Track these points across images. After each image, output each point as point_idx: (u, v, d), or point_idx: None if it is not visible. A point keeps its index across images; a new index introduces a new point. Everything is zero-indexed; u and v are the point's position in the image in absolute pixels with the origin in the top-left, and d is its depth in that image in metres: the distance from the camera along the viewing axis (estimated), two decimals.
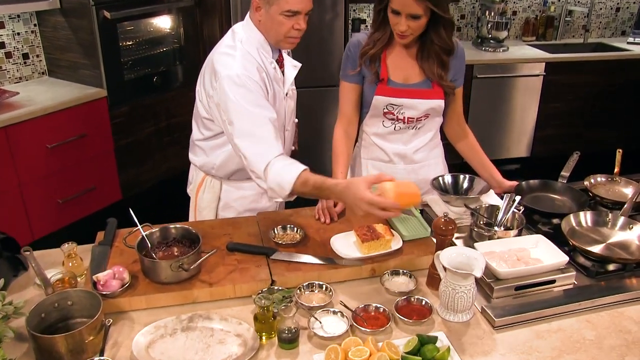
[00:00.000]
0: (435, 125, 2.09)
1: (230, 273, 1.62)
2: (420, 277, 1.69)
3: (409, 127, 2.04)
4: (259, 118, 1.72)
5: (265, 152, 1.69)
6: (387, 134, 2.06)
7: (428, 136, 2.09)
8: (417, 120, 2.02)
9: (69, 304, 1.46)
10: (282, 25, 1.79)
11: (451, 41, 1.89)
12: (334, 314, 1.50)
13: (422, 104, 1.97)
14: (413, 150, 2.08)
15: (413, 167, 2.11)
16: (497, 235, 1.77)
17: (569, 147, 4.70)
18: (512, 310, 1.51)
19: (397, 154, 2.09)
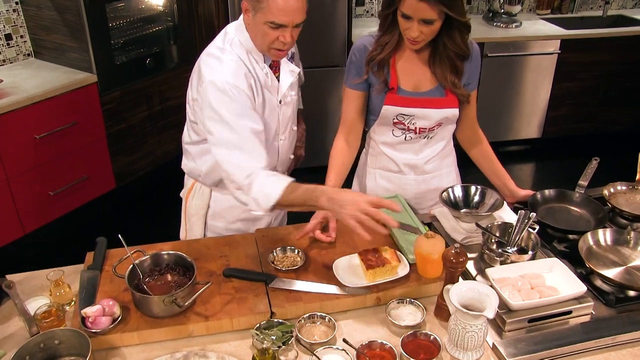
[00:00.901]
0: (448, 133, 1.99)
1: (227, 304, 1.56)
2: (428, 304, 1.63)
3: (420, 137, 1.94)
4: (239, 128, 1.66)
5: (246, 164, 1.64)
6: (396, 144, 1.97)
7: (440, 145, 1.99)
8: (430, 130, 1.92)
9: (55, 342, 1.41)
10: (266, 36, 1.68)
11: (466, 46, 1.78)
12: (337, 350, 1.45)
13: (435, 114, 1.87)
14: (424, 160, 1.99)
15: (424, 178, 2.03)
16: (510, 259, 1.70)
17: (582, 127, 4.63)
18: (524, 349, 1.45)
19: (407, 165, 2.00)
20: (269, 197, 1.61)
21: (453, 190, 1.99)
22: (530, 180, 4.41)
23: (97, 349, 1.45)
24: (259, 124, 1.72)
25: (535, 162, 4.62)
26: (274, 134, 1.89)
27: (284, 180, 1.62)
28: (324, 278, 1.66)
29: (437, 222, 1.97)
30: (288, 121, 1.94)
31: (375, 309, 1.62)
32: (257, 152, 1.67)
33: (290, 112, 1.94)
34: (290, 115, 1.95)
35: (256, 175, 1.63)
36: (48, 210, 3.21)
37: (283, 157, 2.00)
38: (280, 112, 1.88)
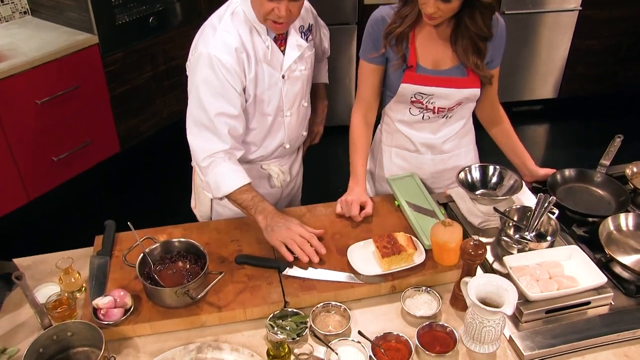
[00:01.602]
0: (467, 111, 1.93)
1: (240, 293, 1.55)
2: (444, 292, 1.62)
3: (439, 117, 1.88)
4: (210, 109, 1.66)
5: (209, 144, 1.67)
6: (413, 123, 1.92)
7: (459, 124, 1.94)
8: (449, 110, 1.86)
9: (68, 334, 1.41)
10: (262, 6, 1.62)
11: (488, 27, 1.69)
12: (352, 342, 1.45)
13: (455, 94, 1.81)
14: (442, 140, 1.94)
15: (442, 158, 1.99)
16: (528, 247, 1.67)
17: (601, 87, 4.51)
18: (541, 342, 1.45)
19: (424, 144, 1.95)
20: (219, 188, 1.66)
21: (470, 171, 1.95)
22: (544, 143, 4.34)
23: (110, 340, 1.46)
24: (235, 107, 1.69)
25: (549, 124, 4.55)
26: (276, 109, 1.84)
27: (240, 180, 1.67)
28: (338, 265, 1.65)
29: (452, 202, 1.94)
30: (295, 97, 1.88)
31: (390, 297, 1.61)
32: (223, 135, 1.67)
33: (299, 87, 1.88)
34: (299, 91, 1.88)
35: (216, 161, 1.67)
36: (52, 176, 3.20)
37: (292, 134, 1.96)
38: (284, 87, 1.82)
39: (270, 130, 1.89)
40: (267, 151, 1.93)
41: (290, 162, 2.06)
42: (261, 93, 1.78)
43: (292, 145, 1.99)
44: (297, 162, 2.12)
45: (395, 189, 1.92)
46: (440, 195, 2.00)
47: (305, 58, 1.85)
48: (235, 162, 1.71)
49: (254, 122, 1.84)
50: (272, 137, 1.91)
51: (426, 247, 1.69)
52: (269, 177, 2.00)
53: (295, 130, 1.97)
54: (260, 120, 1.84)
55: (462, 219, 1.86)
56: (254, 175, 1.96)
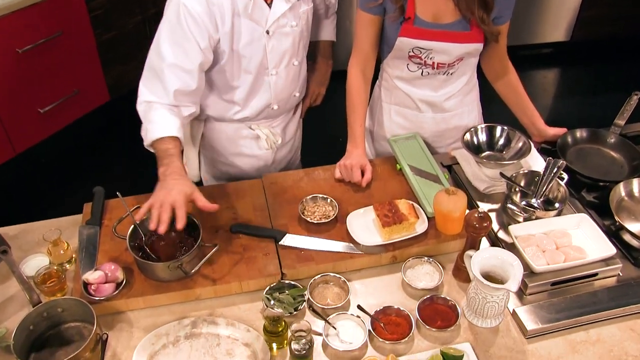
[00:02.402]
0: (470, 67, 1.86)
1: (236, 265, 1.53)
2: (447, 262, 1.61)
3: (439, 73, 1.81)
4: (168, 58, 1.59)
5: (152, 94, 1.61)
6: (412, 79, 1.84)
7: (462, 81, 1.86)
8: (449, 66, 1.79)
9: (59, 310, 1.41)
10: None
11: None
12: (351, 316, 1.45)
13: (455, 49, 1.72)
14: (444, 98, 1.88)
15: (443, 117, 1.93)
16: (535, 215, 1.64)
17: (617, 30, 4.36)
18: (546, 317, 1.44)
19: (424, 102, 1.89)
20: (147, 136, 1.58)
21: (476, 132, 1.90)
22: (553, 90, 4.25)
23: (102, 314, 1.45)
24: (192, 62, 1.61)
25: (559, 69, 4.43)
26: (258, 67, 1.75)
27: (167, 130, 1.56)
28: (337, 234, 1.63)
29: (457, 165, 1.90)
30: (283, 55, 1.78)
31: (390, 268, 1.60)
32: (170, 89, 1.60)
33: (288, 44, 1.77)
34: (288, 48, 1.77)
35: (153, 107, 1.60)
36: (39, 129, 3.13)
37: (281, 95, 1.87)
38: (269, 43, 1.72)
39: (254, 89, 1.80)
40: (253, 112, 1.86)
41: (283, 124, 2.00)
42: (241, 48, 1.69)
43: (281, 106, 1.91)
44: (292, 124, 2.06)
45: (397, 151, 1.87)
46: (445, 157, 1.96)
47: (298, 13, 1.75)
48: (174, 114, 1.61)
49: (236, 80, 1.76)
50: (256, 97, 1.83)
51: (429, 215, 1.66)
52: (258, 138, 1.94)
53: (285, 91, 1.88)
54: (243, 78, 1.76)
55: (467, 183, 1.82)
56: (242, 136, 1.91)
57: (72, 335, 1.41)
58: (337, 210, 1.67)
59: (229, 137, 1.93)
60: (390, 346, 1.40)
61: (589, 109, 3.68)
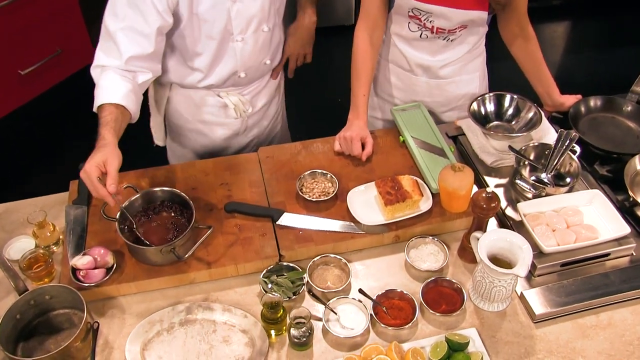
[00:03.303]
0: (475, 37, 1.79)
1: (231, 247, 1.51)
2: (452, 241, 1.58)
3: (438, 38, 1.74)
4: (122, 19, 1.52)
5: (105, 57, 1.55)
6: (412, 40, 1.78)
7: (462, 49, 1.80)
8: (450, 32, 1.72)
9: (47, 298, 1.39)
10: None
11: None
12: (352, 300, 1.43)
13: (456, 15, 1.66)
14: (440, 64, 1.82)
15: (438, 83, 1.87)
16: (545, 192, 1.61)
17: None
18: (554, 300, 1.43)
19: (419, 65, 1.84)
20: (96, 99, 1.53)
21: (483, 101, 1.84)
22: (564, 44, 4.15)
23: (92, 300, 1.43)
24: (149, 25, 1.54)
25: (571, 21, 4.31)
26: (222, 32, 1.65)
27: (110, 96, 1.51)
28: (337, 213, 1.59)
29: (463, 136, 1.85)
30: (250, 20, 1.67)
31: (393, 247, 1.58)
32: (124, 52, 1.53)
33: (256, 9, 1.66)
34: (257, 13, 1.67)
35: (105, 71, 1.54)
36: (21, 92, 3.05)
37: (248, 62, 1.77)
38: (233, 7, 1.61)
39: (218, 56, 1.71)
40: (218, 79, 1.77)
41: (254, 92, 1.89)
42: (202, 12, 1.59)
43: (250, 74, 1.81)
44: (266, 91, 1.94)
45: (400, 121, 1.82)
46: (450, 127, 1.91)
47: None
48: (126, 80, 1.55)
49: (198, 46, 1.67)
50: (221, 64, 1.73)
51: (433, 192, 1.63)
52: (226, 107, 1.86)
53: (253, 58, 1.77)
54: (206, 43, 1.67)
55: (473, 156, 1.78)
56: (208, 103, 1.84)
57: (62, 322, 1.40)
58: (337, 187, 1.63)
59: (195, 104, 1.85)
60: (393, 332, 1.39)
61: (602, 66, 3.59)
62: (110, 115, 1.47)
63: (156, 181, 1.66)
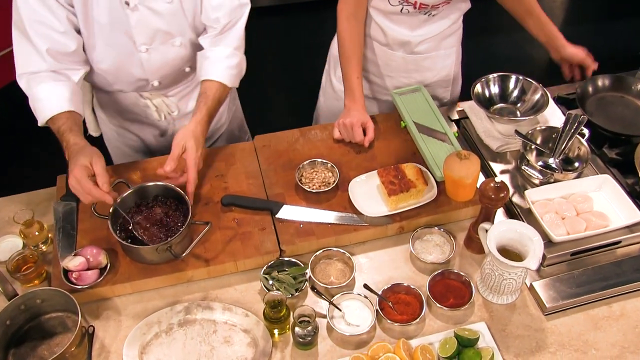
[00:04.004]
0: (457, 13, 1.77)
1: (230, 242, 1.48)
2: (458, 231, 1.56)
3: (420, 13, 1.71)
4: (31, 14, 1.43)
5: (27, 61, 1.48)
6: (391, 14, 1.74)
7: (443, 24, 1.78)
8: (433, 7, 1.69)
9: (38, 302, 1.35)
10: None
11: None
12: (357, 296, 1.41)
13: None
14: (419, 39, 1.79)
15: (415, 58, 1.84)
16: (553, 178, 1.59)
17: None
18: (565, 292, 1.42)
19: (397, 40, 1.80)
20: (37, 114, 1.48)
21: (487, 82, 1.81)
22: (564, 15, 4.10)
23: (86, 302, 1.40)
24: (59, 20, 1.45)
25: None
26: (123, 40, 1.55)
27: (55, 106, 1.46)
28: (338, 204, 1.57)
29: (467, 121, 1.82)
30: (155, 33, 1.56)
31: (397, 239, 1.56)
32: (42, 50, 1.46)
33: (161, 23, 1.55)
34: (162, 27, 1.56)
35: (36, 79, 1.48)
36: None
37: (159, 72, 1.66)
38: (132, 17, 1.51)
39: (123, 64, 1.62)
40: (127, 86, 1.69)
41: (181, 95, 1.79)
42: (98, 16, 1.50)
43: (166, 82, 1.71)
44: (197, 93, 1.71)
45: (401, 106, 1.78)
46: (452, 110, 1.88)
47: None
48: (61, 84, 1.49)
49: (98, 52, 1.57)
50: (128, 73, 1.64)
51: (437, 179, 1.60)
52: (148, 108, 1.78)
53: (165, 69, 1.66)
54: (106, 50, 1.57)
55: (478, 141, 1.75)
56: (131, 102, 1.77)
57: (54, 326, 1.37)
58: (338, 177, 1.60)
59: (118, 102, 1.78)
60: (399, 328, 1.37)
61: (606, 38, 3.55)
62: (66, 124, 1.44)
63: (147, 174, 1.63)
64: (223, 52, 1.61)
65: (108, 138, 1.96)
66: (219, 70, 1.61)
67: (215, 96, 1.59)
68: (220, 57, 1.61)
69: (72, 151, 1.39)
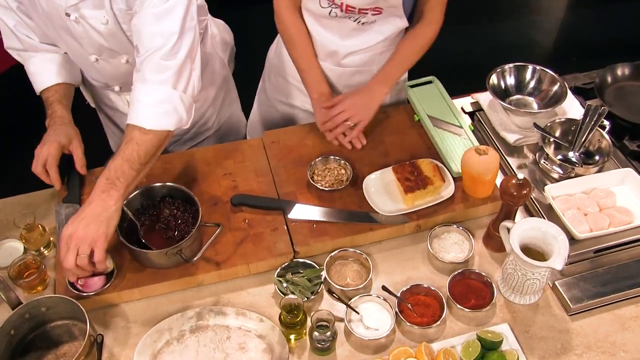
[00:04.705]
0: (390, 28, 1.65)
1: (241, 244, 1.45)
2: (476, 228, 1.54)
3: (348, 18, 1.62)
4: None
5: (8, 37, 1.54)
6: (321, 17, 1.65)
7: (375, 38, 1.67)
8: (361, 12, 1.59)
9: (42, 310, 1.32)
10: None
11: None
12: (375, 298, 1.39)
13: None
14: (348, 50, 1.69)
15: (343, 71, 1.75)
16: (574, 172, 1.57)
17: None
18: (590, 291, 1.40)
19: (325, 49, 1.71)
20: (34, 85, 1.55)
21: (503, 73, 1.78)
22: None
23: (92, 309, 1.37)
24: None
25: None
26: (73, 45, 1.51)
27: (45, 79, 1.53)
28: (352, 202, 1.54)
29: (482, 114, 1.79)
30: (100, 48, 1.50)
31: (414, 237, 1.53)
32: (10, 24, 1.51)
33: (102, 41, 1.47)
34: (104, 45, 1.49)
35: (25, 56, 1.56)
36: None
37: (118, 80, 1.63)
38: (76, 29, 1.44)
39: (80, 66, 1.60)
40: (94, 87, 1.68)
41: None
42: (41, 17, 1.46)
43: (126, 87, 1.66)
44: None
45: (414, 99, 1.75)
46: (466, 102, 1.85)
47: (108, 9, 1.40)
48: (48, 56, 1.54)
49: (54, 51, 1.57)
50: (88, 76, 1.61)
51: (454, 175, 1.58)
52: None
53: (124, 77, 1.60)
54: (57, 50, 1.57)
55: (493, 134, 1.73)
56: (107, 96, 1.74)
57: (60, 335, 1.34)
58: (351, 174, 1.57)
59: (98, 94, 1.77)
60: (420, 331, 1.35)
61: (611, 22, 3.53)
62: (54, 96, 1.49)
63: (152, 173, 1.58)
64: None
65: (103, 120, 1.93)
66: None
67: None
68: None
69: (55, 123, 1.44)
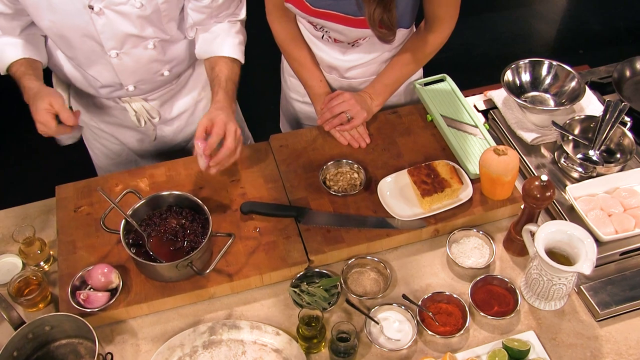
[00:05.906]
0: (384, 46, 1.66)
1: (253, 254, 1.43)
2: (495, 232, 1.54)
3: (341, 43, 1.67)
4: None
5: None
6: (317, 40, 1.71)
7: (372, 55, 1.71)
8: (350, 43, 1.66)
9: (46, 329, 1.30)
10: None
11: None
12: (394, 307, 1.37)
13: (351, 32, 1.58)
14: (348, 65, 1.72)
15: (349, 82, 1.78)
16: (595, 172, 1.56)
17: None
18: (618, 295, 1.40)
19: (326, 64, 1.75)
20: None
21: (518, 69, 1.77)
22: None
23: (99, 325, 1.34)
24: None
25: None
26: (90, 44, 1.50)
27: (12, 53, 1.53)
28: (367, 207, 1.52)
29: (497, 112, 1.78)
30: (124, 37, 1.50)
31: (431, 243, 1.52)
32: None
33: (129, 27, 1.48)
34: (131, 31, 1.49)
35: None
36: None
37: (133, 77, 1.62)
38: (98, 21, 1.44)
39: (92, 69, 1.58)
40: (102, 92, 1.66)
41: (164, 99, 1.75)
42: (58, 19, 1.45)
43: (142, 87, 1.67)
44: (185, 98, 1.78)
45: (427, 98, 1.74)
46: (476, 99, 1.84)
47: None
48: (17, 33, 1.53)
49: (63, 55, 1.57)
50: (99, 78, 1.60)
51: (471, 177, 1.57)
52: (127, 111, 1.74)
53: (139, 73, 1.61)
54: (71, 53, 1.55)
55: (509, 132, 1.72)
56: (109, 106, 1.73)
57: (65, 354, 1.32)
58: (365, 178, 1.56)
59: (95, 104, 1.74)
60: (442, 340, 1.34)
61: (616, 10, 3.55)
62: (20, 70, 1.50)
63: (156, 181, 1.57)
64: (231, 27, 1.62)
65: (86, 137, 1.89)
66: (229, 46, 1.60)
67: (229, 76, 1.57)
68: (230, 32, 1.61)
69: (29, 95, 1.44)
